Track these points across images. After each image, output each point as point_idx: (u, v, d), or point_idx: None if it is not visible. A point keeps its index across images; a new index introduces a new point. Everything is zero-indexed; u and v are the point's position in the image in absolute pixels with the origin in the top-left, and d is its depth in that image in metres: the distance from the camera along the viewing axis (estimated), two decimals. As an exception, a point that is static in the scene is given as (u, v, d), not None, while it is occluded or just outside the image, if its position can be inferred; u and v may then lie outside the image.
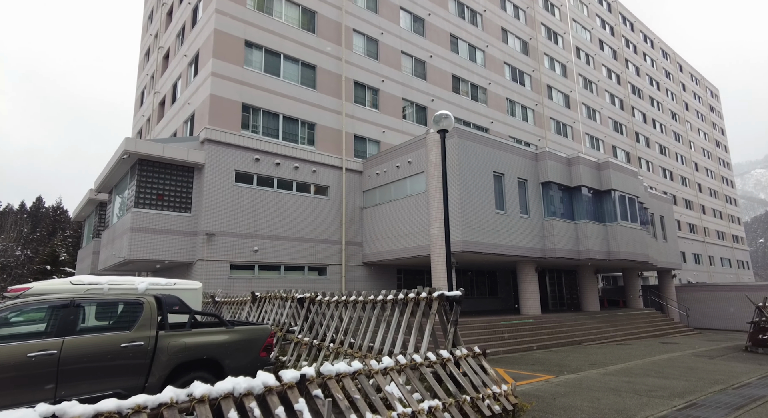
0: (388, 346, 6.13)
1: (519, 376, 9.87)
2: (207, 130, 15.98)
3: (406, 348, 6.06)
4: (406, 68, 23.55)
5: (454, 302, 5.72)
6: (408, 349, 5.87)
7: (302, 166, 18.24)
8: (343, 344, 6.82)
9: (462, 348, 5.42)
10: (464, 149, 16.44)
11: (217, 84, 16.50)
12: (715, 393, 8.28)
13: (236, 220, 16.06)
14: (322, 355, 7.02)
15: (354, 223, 19.62)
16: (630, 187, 21.50)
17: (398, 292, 6.53)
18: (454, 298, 5.69)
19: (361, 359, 6.23)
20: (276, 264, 16.86)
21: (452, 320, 5.61)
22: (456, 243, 15.66)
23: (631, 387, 8.68)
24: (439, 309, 5.82)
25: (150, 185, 14.92)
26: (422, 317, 5.92)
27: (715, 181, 55.70)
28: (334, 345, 6.92)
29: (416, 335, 5.92)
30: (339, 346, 6.82)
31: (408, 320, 6.11)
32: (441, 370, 4.84)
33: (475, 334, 14.39)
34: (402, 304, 6.34)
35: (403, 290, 6.45)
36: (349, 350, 6.59)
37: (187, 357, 5.56)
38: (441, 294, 5.74)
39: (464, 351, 5.35)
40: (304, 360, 7.31)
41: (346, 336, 6.87)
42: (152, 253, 14.47)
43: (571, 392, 8.17)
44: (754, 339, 14.90)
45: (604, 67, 40.65)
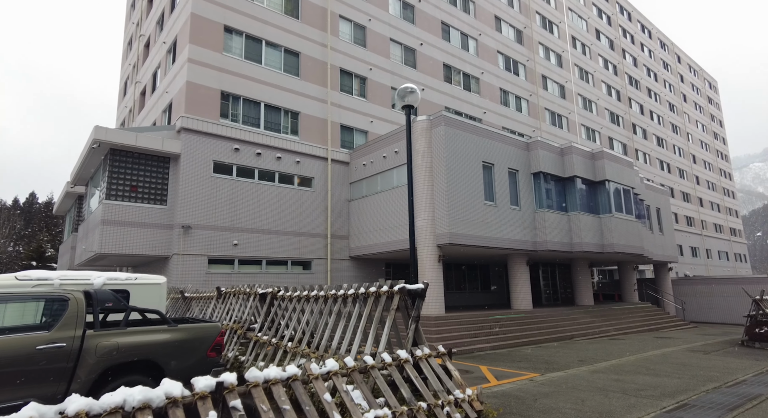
0: (346, 345, 5.57)
1: (502, 374, 9.33)
2: (183, 118, 15.33)
3: (376, 346, 5.49)
4: (395, 56, 22.86)
5: (416, 296, 5.15)
6: (367, 349, 5.31)
7: (285, 157, 17.61)
8: (301, 343, 6.27)
9: (424, 348, 4.85)
10: (452, 138, 15.83)
11: (193, 71, 15.83)
12: (709, 392, 7.75)
13: (214, 212, 15.45)
14: (279, 355, 6.46)
15: (340, 216, 19.03)
16: (625, 178, 20.93)
17: (359, 286, 5.96)
18: (417, 292, 5.11)
19: (318, 359, 5.68)
20: (257, 258, 16.28)
21: (413, 316, 5.04)
22: (442, 235, 15.09)
23: (619, 386, 8.14)
24: (401, 304, 5.25)
25: (123, 176, 14.29)
26: (385, 313, 5.35)
27: (713, 173, 55.17)
28: (292, 344, 6.36)
29: (374, 333, 5.35)
30: (297, 345, 6.27)
31: (368, 316, 5.55)
32: (396, 373, 4.28)
33: (461, 329, 13.86)
34: (363, 299, 5.78)
35: (364, 284, 5.89)
36: (306, 350, 6.04)
37: (120, 359, 4.98)
38: (402, 287, 5.17)
39: (426, 351, 4.79)
40: (261, 360, 6.76)
41: (305, 335, 6.32)
42: (125, 247, 13.87)
43: (554, 393, 7.63)
44: (750, 333, 14.39)
45: (600, 58, 39.94)
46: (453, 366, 4.84)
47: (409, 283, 5.35)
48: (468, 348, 12.71)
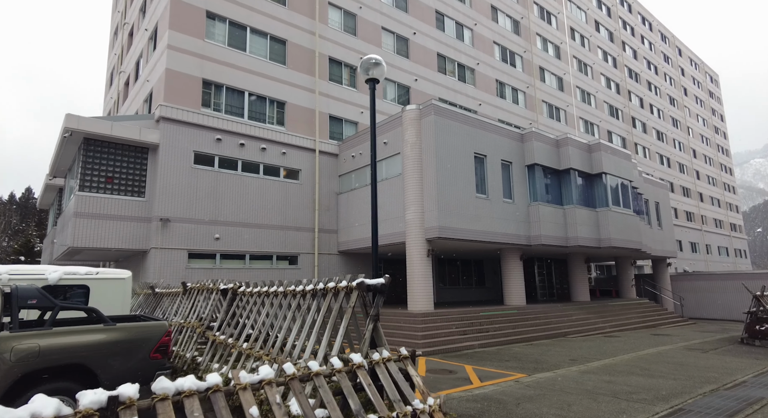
0: (300, 347, 5.03)
1: (487, 375, 8.80)
2: (162, 107, 14.73)
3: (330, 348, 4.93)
4: (387, 45, 22.20)
5: (376, 292, 4.60)
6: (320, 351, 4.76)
7: (270, 148, 17.02)
8: (256, 344, 5.73)
9: (383, 350, 4.31)
10: (442, 128, 15.23)
11: (173, 58, 15.21)
12: (706, 395, 7.21)
13: (195, 205, 14.89)
14: (233, 356, 5.93)
15: (329, 209, 18.46)
16: (623, 171, 20.34)
17: (318, 281, 5.42)
18: (376, 287, 4.56)
19: (270, 362, 5.13)
20: (240, 253, 15.73)
21: (372, 314, 4.49)
22: (431, 229, 14.54)
23: (610, 389, 7.61)
24: (359, 301, 4.70)
25: (98, 167, 13.70)
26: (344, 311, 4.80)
27: (714, 168, 54.51)
28: (248, 345, 5.83)
29: (329, 334, 4.81)
30: (251, 346, 5.73)
31: (324, 314, 5.01)
32: (345, 381, 3.74)
33: (450, 326, 13.33)
34: (321, 295, 5.23)
35: (323, 279, 5.34)
36: (260, 351, 5.49)
37: (43, 364, 4.43)
38: (360, 283, 4.62)
39: (386, 354, 4.24)
40: (217, 362, 6.23)
41: (261, 334, 5.78)
42: (99, 241, 13.31)
43: (539, 396, 7.09)
44: (750, 330, 13.86)
45: (599, 50, 39.21)
46: (415, 371, 4.30)
47: (375, 278, 4.79)
48: (456, 346, 12.18)
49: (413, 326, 12.83)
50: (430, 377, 8.56)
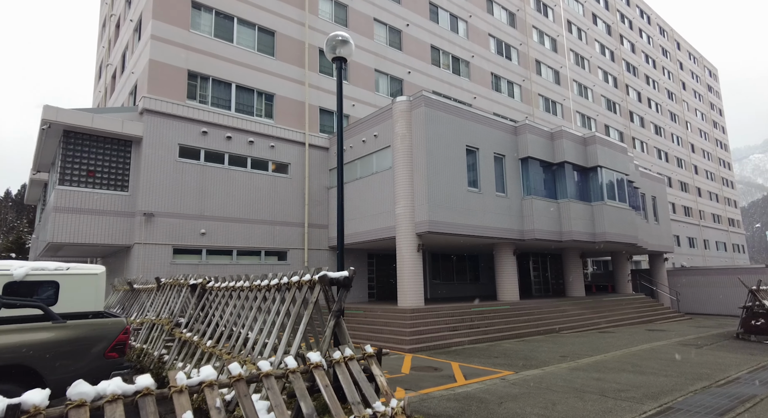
0: (260, 345, 4.74)
1: (473, 372, 8.52)
2: (145, 99, 14.37)
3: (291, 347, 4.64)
4: (379, 37, 21.81)
5: (340, 286, 4.30)
6: (280, 349, 4.46)
7: (258, 141, 16.68)
8: (220, 342, 5.44)
9: (346, 349, 4.01)
10: (433, 120, 14.90)
11: (157, 48, 14.84)
12: (697, 393, 6.93)
13: (180, 199, 14.56)
14: (197, 356, 5.64)
15: (319, 204, 18.14)
16: (618, 165, 20.03)
17: (283, 274, 5.12)
18: (339, 281, 4.26)
19: (230, 361, 4.84)
20: (227, 248, 15.42)
21: (333, 310, 4.19)
22: (422, 223, 14.24)
23: (599, 386, 7.33)
24: (322, 296, 4.40)
25: (78, 160, 13.36)
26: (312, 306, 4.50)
27: (712, 163, 54.21)
28: (211, 342, 5.53)
29: (290, 330, 4.51)
30: (214, 345, 5.44)
31: (286, 310, 4.72)
32: (299, 382, 3.44)
33: (440, 322, 13.06)
34: (286, 290, 4.94)
35: (287, 272, 5.05)
36: (220, 351, 5.20)
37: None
38: (323, 276, 4.31)
39: (348, 353, 3.94)
40: (181, 362, 5.94)
41: (226, 331, 5.49)
42: (80, 236, 12.99)
43: (524, 394, 6.81)
44: (746, 325, 13.61)
45: (597, 43, 38.80)
46: (380, 371, 4.01)
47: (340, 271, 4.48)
48: (445, 343, 11.91)
49: (401, 322, 12.56)
50: (413, 375, 8.28)
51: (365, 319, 13.99)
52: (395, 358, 10.19)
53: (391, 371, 8.58)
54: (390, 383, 7.50)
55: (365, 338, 12.69)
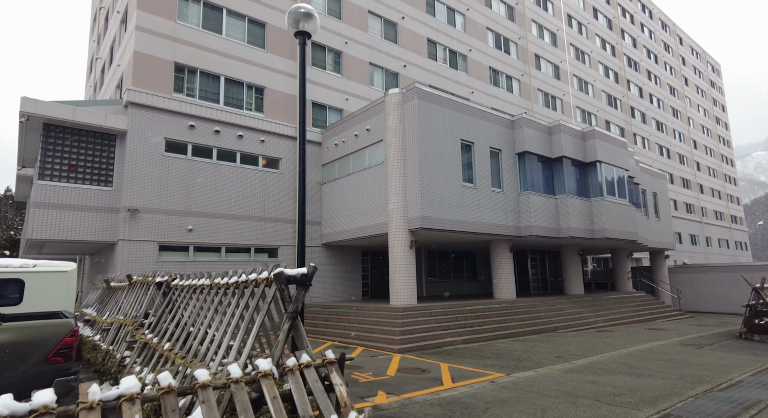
0: (213, 349, 4.35)
1: (462, 374, 8.12)
2: (130, 91, 13.96)
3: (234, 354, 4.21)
4: (374, 30, 21.36)
5: (298, 285, 3.89)
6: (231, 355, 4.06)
7: (248, 135, 16.26)
8: (176, 345, 5.05)
9: (303, 355, 3.61)
10: (426, 113, 14.46)
11: (142, 39, 14.42)
12: (697, 397, 6.52)
13: (166, 195, 14.17)
14: (154, 359, 5.25)
15: (311, 200, 17.73)
16: (618, 160, 19.56)
17: (242, 272, 4.73)
18: (296, 279, 3.86)
19: (185, 366, 4.44)
20: (216, 245, 15.03)
21: (289, 311, 3.78)
22: (414, 219, 13.82)
23: (593, 390, 6.92)
24: (278, 295, 4.01)
25: (59, 154, 12.97)
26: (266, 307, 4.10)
27: (715, 159, 53.61)
28: (169, 345, 5.14)
29: (243, 334, 4.10)
30: (171, 347, 5.04)
31: (241, 311, 4.32)
32: (241, 394, 3.04)
33: (432, 321, 12.65)
34: (243, 288, 4.54)
35: (246, 270, 4.65)
36: (175, 355, 4.80)
37: None
38: (278, 273, 3.91)
39: (305, 359, 3.55)
40: (139, 365, 5.55)
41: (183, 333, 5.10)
42: (61, 232, 12.60)
43: (513, 399, 6.41)
44: (749, 324, 13.17)
45: (598, 38, 38.23)
46: (341, 380, 3.60)
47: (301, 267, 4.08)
48: (436, 342, 11.51)
49: (392, 322, 12.16)
50: (398, 377, 7.88)
51: (356, 318, 13.59)
52: (383, 359, 9.80)
53: (376, 373, 8.18)
54: (372, 387, 7.11)
55: (356, 338, 12.31)
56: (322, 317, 14.85)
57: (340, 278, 17.93)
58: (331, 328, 13.77)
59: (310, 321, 14.84)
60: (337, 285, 17.73)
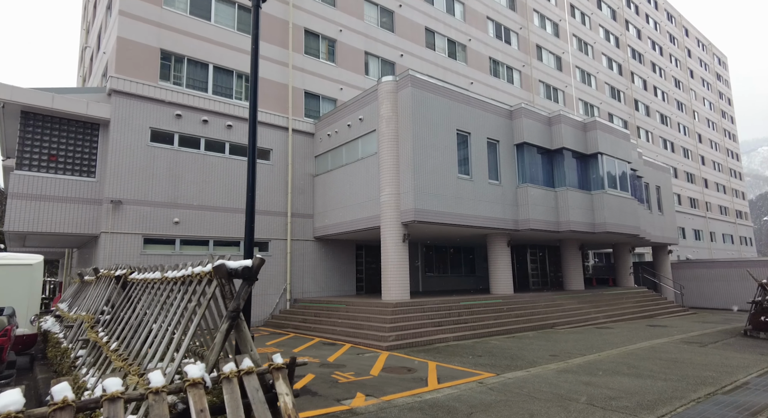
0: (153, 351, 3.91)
1: (450, 374, 7.66)
2: (113, 79, 13.49)
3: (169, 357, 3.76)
4: (370, 18, 20.76)
5: (242, 279, 3.44)
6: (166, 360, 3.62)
7: (237, 125, 15.78)
8: (121, 346, 4.61)
9: (245, 359, 3.16)
10: (420, 102, 13.93)
11: (126, 25, 13.92)
12: (700, 401, 6.04)
13: (151, 186, 13.72)
14: (100, 361, 4.81)
15: (303, 192, 17.27)
16: (620, 152, 18.99)
17: (189, 264, 4.28)
18: (238, 272, 3.40)
19: (125, 369, 4.00)
20: (203, 238, 14.60)
21: (229, 310, 3.32)
22: (407, 212, 13.34)
23: (587, 392, 6.45)
24: (219, 291, 3.55)
25: (38, 144, 12.53)
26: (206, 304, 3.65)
27: (720, 153, 52.77)
28: (116, 345, 4.71)
29: (180, 334, 3.66)
30: (116, 349, 4.61)
31: (183, 309, 3.88)
32: (161, 406, 2.60)
33: (424, 317, 12.21)
34: (188, 283, 4.09)
35: (192, 263, 4.21)
36: (116, 357, 4.36)
37: None
38: (219, 266, 3.46)
39: (247, 364, 3.10)
40: (86, 367, 5.12)
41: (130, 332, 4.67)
42: (40, 224, 12.18)
43: (500, 403, 5.95)
44: (755, 322, 12.66)
45: (601, 28, 37.43)
46: (287, 388, 3.15)
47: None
48: (427, 339, 11.06)
49: (381, 318, 11.72)
50: (382, 377, 7.44)
51: (346, 314, 13.16)
52: (369, 357, 9.36)
53: (359, 373, 7.74)
54: (352, 388, 6.67)
55: (344, 335, 11.89)
56: (312, 312, 14.43)
57: (333, 272, 17.49)
58: (321, 324, 13.35)
59: (299, 317, 14.43)
60: (329, 280, 17.30)
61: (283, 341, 11.69)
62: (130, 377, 3.42)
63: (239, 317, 3.34)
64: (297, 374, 7.59)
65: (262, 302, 15.48)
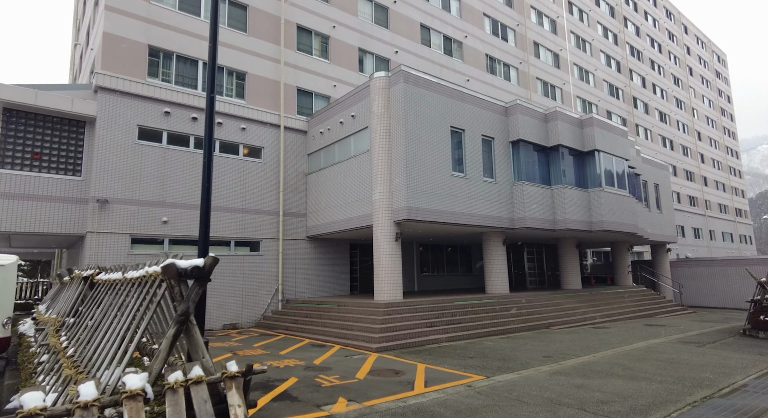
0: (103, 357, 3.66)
1: (438, 377, 7.41)
2: (99, 75, 13.23)
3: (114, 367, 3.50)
4: (364, 14, 20.49)
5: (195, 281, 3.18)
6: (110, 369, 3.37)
7: (227, 123, 15.52)
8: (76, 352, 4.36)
9: (195, 367, 2.92)
10: (413, 98, 13.67)
11: (113, 20, 13.66)
12: (696, 405, 5.79)
13: (139, 185, 13.47)
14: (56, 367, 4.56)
15: (296, 191, 17.01)
16: (618, 149, 18.73)
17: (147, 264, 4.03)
18: (188, 272, 3.14)
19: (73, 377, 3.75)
20: (192, 238, 14.33)
21: (177, 313, 3.07)
22: (400, 210, 13.08)
23: (579, 397, 6.20)
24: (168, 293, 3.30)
25: (21, 141, 12.26)
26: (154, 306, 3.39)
27: (719, 151, 52.49)
28: (72, 351, 4.46)
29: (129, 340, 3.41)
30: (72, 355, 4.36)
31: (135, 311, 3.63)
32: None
33: (417, 318, 11.95)
34: (143, 285, 3.84)
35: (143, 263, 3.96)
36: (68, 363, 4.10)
37: None
38: (167, 266, 3.21)
39: (196, 373, 2.85)
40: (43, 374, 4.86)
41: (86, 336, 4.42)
42: (23, 224, 11.92)
43: (487, 408, 5.69)
44: (754, 321, 12.41)
45: (599, 25, 37.15)
46: (239, 399, 2.90)
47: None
48: (419, 340, 10.81)
49: (372, 318, 11.46)
50: (367, 381, 7.18)
51: (338, 314, 12.91)
52: (357, 359, 9.10)
53: (344, 376, 7.49)
54: (334, 392, 6.41)
55: (335, 336, 11.64)
56: (303, 313, 14.18)
57: (327, 272, 17.24)
58: (312, 325, 13.10)
59: (291, 318, 14.18)
60: (323, 280, 17.05)
61: (271, 343, 11.44)
62: (70, 388, 3.17)
63: (189, 321, 3.09)
64: (279, 378, 7.34)
65: (254, 303, 15.23)
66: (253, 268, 15.37)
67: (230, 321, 14.65)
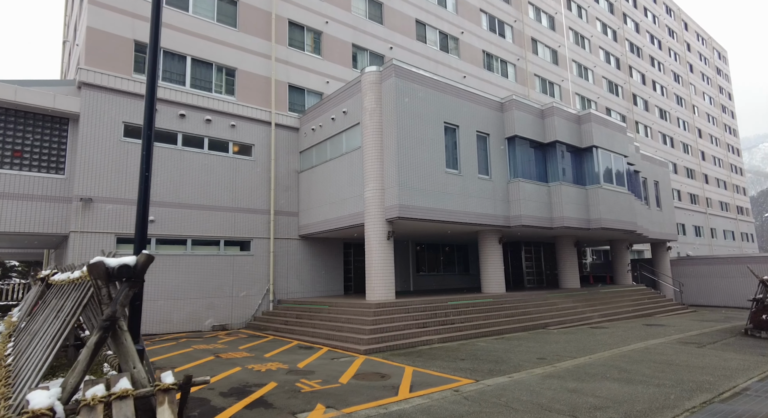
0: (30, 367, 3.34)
1: (426, 380, 7.08)
2: (83, 71, 12.91)
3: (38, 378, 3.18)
4: (357, 9, 20.15)
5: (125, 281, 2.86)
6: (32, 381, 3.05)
7: (217, 120, 15.20)
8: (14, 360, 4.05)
9: (123, 379, 2.60)
10: (405, 93, 13.33)
11: (97, 15, 13.34)
12: (695, 411, 5.45)
13: (125, 183, 13.15)
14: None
15: (288, 189, 16.68)
16: (616, 145, 18.37)
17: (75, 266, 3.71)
18: (119, 271, 2.82)
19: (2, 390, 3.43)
20: (181, 238, 14.03)
21: (104, 317, 2.73)
22: (391, 208, 12.75)
23: (571, 402, 5.86)
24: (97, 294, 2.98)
25: (1, 138, 11.94)
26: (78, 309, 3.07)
27: (720, 148, 52.07)
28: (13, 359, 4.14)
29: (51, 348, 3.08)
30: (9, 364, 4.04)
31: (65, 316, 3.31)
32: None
33: (408, 318, 11.62)
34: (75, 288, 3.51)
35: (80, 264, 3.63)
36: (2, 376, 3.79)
37: None
38: (93, 264, 2.89)
39: (123, 386, 2.53)
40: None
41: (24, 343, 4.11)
42: (4, 224, 11.59)
43: (472, 415, 5.36)
44: (756, 320, 12.07)
45: (598, 22, 36.77)
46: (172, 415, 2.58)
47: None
48: (410, 342, 10.48)
49: (362, 319, 11.13)
50: (351, 385, 6.85)
51: (329, 315, 12.58)
52: (344, 361, 8.77)
53: (327, 380, 7.15)
54: (313, 398, 6.08)
55: (324, 338, 11.32)
56: (294, 314, 13.86)
57: (320, 272, 16.91)
58: (302, 326, 12.77)
59: (281, 319, 13.85)
60: (316, 280, 16.72)
61: (258, 345, 11.11)
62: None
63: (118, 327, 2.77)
64: (257, 382, 7.01)
65: (244, 304, 14.91)
66: (244, 268, 15.05)
67: (220, 322, 14.33)
